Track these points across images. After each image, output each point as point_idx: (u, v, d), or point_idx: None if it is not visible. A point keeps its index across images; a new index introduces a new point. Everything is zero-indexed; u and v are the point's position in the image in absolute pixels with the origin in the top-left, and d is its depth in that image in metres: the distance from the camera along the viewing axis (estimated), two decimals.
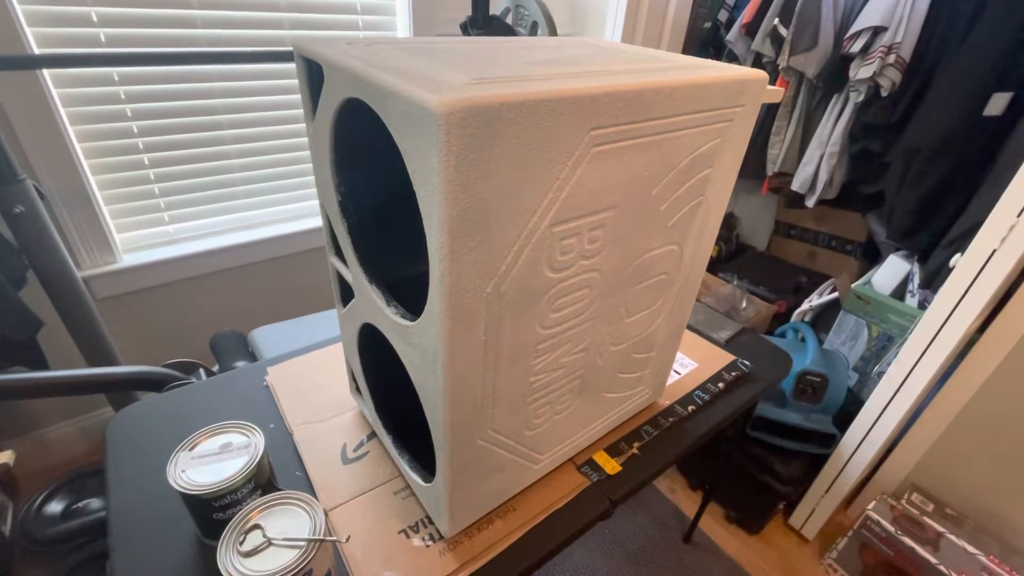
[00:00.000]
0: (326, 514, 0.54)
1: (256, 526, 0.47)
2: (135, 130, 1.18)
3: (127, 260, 1.28)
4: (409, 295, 0.50)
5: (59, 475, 1.13)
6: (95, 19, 1.06)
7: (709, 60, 0.55)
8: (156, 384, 0.87)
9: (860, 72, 1.15)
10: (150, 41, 1.13)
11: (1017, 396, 1.02)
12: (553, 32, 1.16)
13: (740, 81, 0.49)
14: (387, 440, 0.64)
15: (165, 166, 1.25)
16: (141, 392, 1.19)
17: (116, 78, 1.12)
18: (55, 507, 1.07)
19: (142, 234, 1.31)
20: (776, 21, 1.26)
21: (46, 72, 1.05)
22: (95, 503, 1.09)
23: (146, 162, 1.23)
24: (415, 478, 0.58)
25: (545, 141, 0.36)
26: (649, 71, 0.44)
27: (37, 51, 1.03)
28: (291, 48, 1.21)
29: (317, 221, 1.51)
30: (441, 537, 0.57)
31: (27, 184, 0.97)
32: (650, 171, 0.46)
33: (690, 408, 0.79)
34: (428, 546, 0.57)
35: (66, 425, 1.39)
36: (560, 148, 0.37)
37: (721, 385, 0.84)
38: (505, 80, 0.35)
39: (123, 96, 1.14)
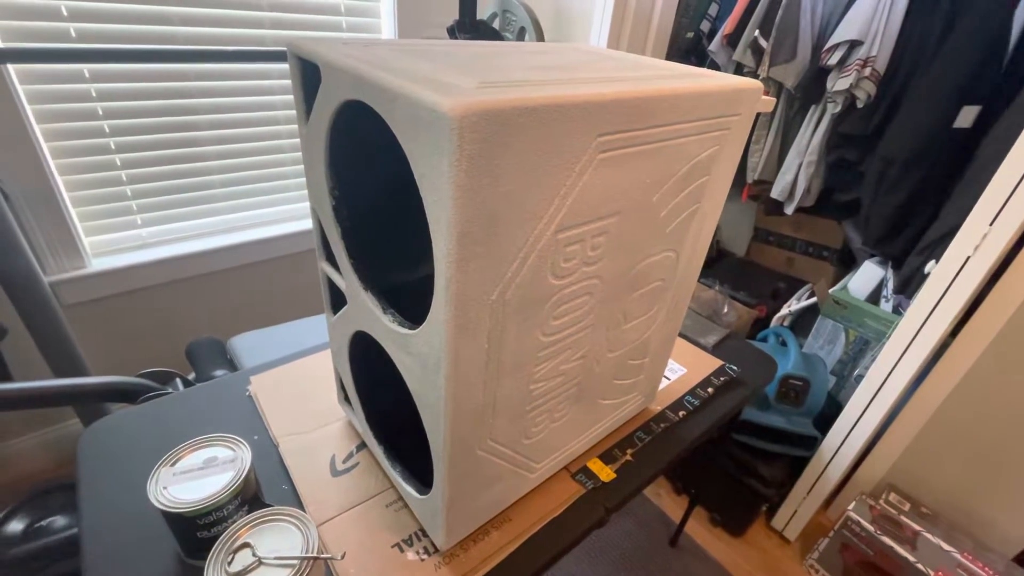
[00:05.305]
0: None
1: (245, 544, 0.45)
2: (106, 129, 1.14)
3: (96, 265, 1.23)
4: (404, 302, 0.48)
5: (20, 492, 1.07)
6: (65, 13, 1.02)
7: (704, 69, 0.55)
8: (130, 395, 0.83)
9: (837, 84, 1.19)
10: (124, 37, 1.08)
11: (987, 398, 1.06)
12: (541, 38, 1.16)
13: (738, 90, 0.49)
14: (379, 451, 0.62)
15: (138, 167, 1.21)
16: (112, 404, 1.14)
17: (87, 75, 1.08)
18: (16, 526, 1.01)
19: (113, 238, 1.25)
20: (757, 33, 1.29)
21: (11, 67, 1.00)
22: (60, 521, 1.03)
23: (118, 163, 1.18)
24: (409, 490, 0.56)
25: (554, 147, 0.36)
26: (652, 79, 0.44)
27: (2, 45, 0.98)
28: (276, 48, 1.18)
29: (297, 225, 1.48)
30: (436, 550, 0.56)
31: None
32: (652, 178, 0.46)
33: (681, 413, 0.79)
34: (423, 560, 0.55)
35: (27, 439, 1.32)
36: (568, 154, 0.37)
37: (710, 390, 0.85)
38: (513, 84, 0.35)
39: (94, 94, 1.10)
